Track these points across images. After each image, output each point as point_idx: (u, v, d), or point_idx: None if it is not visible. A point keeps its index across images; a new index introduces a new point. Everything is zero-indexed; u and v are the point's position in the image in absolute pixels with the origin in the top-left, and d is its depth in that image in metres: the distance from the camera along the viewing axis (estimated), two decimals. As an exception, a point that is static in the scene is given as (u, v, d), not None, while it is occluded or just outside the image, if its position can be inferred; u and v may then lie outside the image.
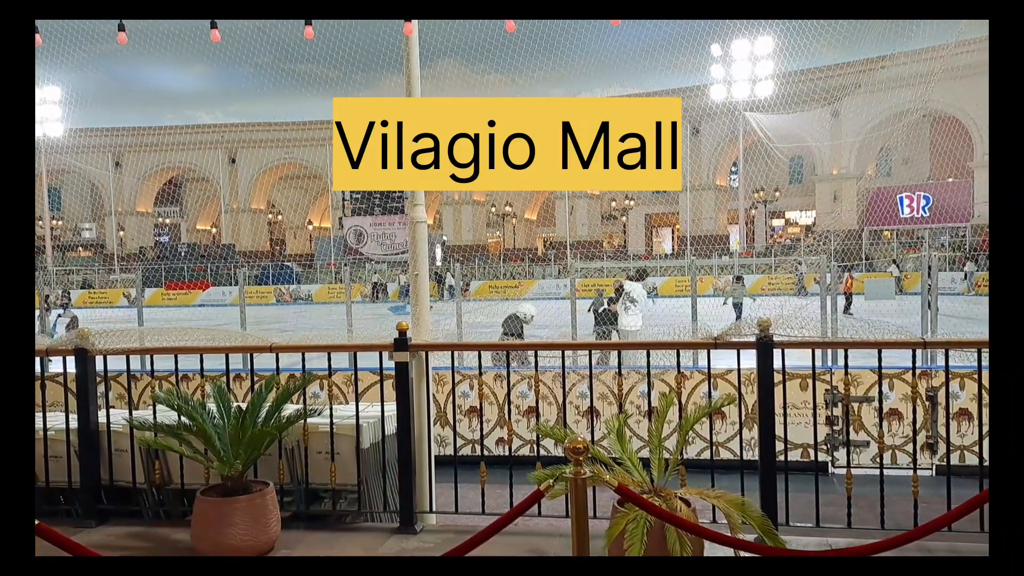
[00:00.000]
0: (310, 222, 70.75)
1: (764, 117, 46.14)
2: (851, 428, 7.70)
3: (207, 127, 67.03)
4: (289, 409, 4.84)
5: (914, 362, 5.08)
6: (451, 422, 6.59)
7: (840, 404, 6.88)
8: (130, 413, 5.31)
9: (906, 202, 50.01)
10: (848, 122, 48.78)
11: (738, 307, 23.04)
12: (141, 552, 4.65)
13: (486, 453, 5.25)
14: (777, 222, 62.25)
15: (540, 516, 4.63)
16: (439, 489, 5.42)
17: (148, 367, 5.97)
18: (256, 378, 5.49)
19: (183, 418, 4.63)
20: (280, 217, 71.28)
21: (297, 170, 66.38)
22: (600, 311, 15.89)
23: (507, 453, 5.25)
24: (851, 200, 50.86)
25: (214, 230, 72.01)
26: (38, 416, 5.17)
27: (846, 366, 4.90)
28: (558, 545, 4.49)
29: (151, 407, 5.22)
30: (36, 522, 2.61)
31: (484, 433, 5.37)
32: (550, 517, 4.62)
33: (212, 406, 4.78)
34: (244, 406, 4.76)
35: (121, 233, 66.40)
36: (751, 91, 49.47)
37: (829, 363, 9.47)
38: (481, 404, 5.40)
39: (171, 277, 52.11)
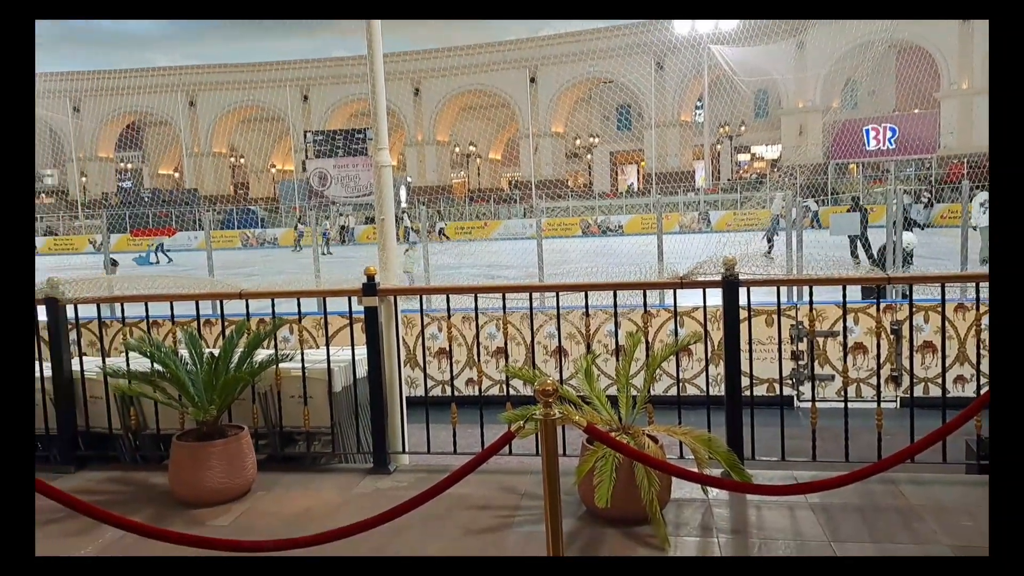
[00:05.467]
0: (273, 165, 69.54)
1: (729, 50, 45.82)
2: (816, 362, 7.87)
3: (165, 70, 65.26)
4: (261, 354, 4.86)
5: (879, 296, 5.20)
6: (421, 364, 6.64)
7: (805, 339, 7.03)
8: (103, 361, 5.30)
9: (872, 134, 49.84)
10: (813, 54, 48.57)
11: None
12: (120, 496, 4.70)
13: (456, 394, 5.32)
14: (743, 157, 62.33)
15: (511, 455, 4.73)
16: (411, 430, 5.49)
17: (119, 314, 5.95)
18: (227, 324, 5.49)
19: (156, 365, 4.64)
20: (242, 160, 69.92)
21: (258, 112, 65.00)
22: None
23: (477, 393, 5.32)
24: (817, 133, 50.98)
25: (177, 175, 70.66)
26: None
27: (811, 301, 4.97)
28: (529, 482, 4.60)
29: (123, 354, 5.22)
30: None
31: (454, 374, 5.44)
32: (521, 455, 4.70)
33: (184, 352, 4.80)
34: (216, 352, 4.78)
35: (83, 179, 64.98)
36: (716, 24, 48.96)
37: (795, 299, 9.65)
38: (451, 346, 5.46)
39: (136, 224, 51.21)
